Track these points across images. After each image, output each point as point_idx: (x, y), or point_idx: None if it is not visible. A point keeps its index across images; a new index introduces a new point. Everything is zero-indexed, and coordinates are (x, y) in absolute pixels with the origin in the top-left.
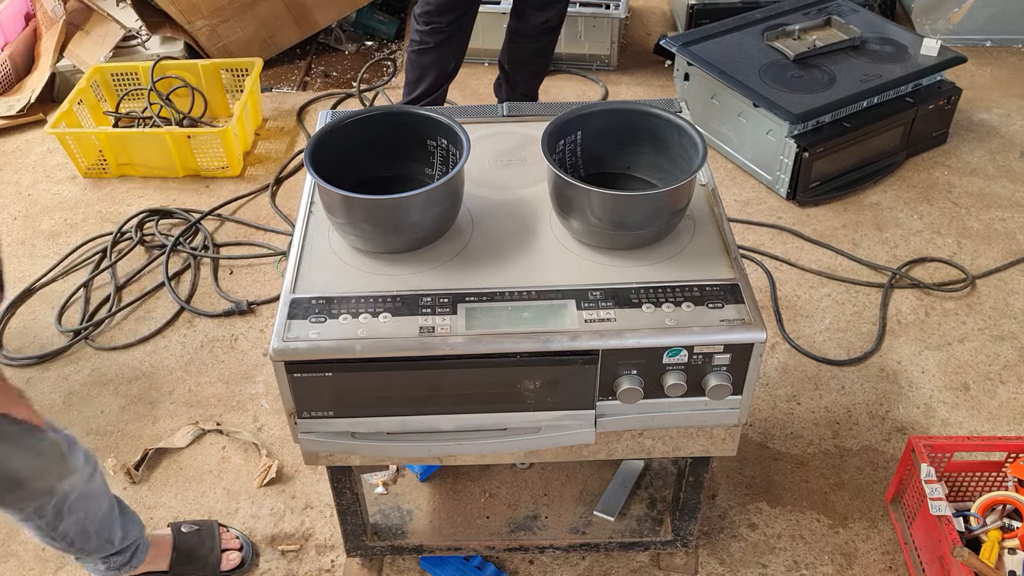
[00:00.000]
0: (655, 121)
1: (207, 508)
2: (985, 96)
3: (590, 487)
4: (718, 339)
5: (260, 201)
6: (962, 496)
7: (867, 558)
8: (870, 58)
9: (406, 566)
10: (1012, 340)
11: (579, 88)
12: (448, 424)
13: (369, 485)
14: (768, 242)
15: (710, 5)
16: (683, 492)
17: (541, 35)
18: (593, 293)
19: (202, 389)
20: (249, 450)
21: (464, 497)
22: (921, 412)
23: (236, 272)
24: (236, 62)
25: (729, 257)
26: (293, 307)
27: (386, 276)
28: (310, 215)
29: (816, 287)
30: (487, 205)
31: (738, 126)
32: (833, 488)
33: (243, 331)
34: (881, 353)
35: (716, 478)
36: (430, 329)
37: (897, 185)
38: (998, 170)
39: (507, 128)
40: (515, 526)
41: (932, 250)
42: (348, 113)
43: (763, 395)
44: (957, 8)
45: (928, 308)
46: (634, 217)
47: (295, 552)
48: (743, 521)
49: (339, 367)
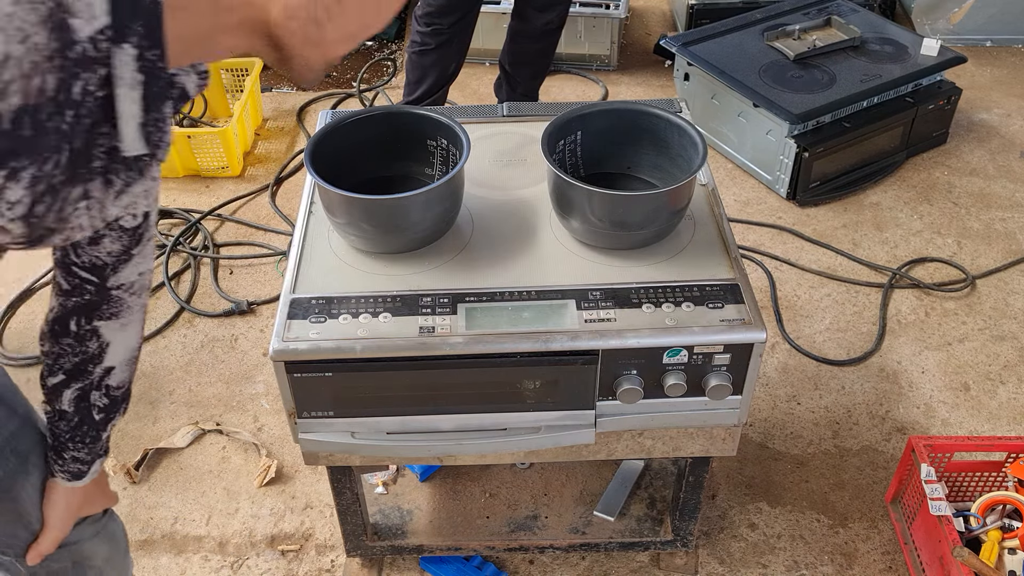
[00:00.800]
0: (655, 121)
1: (207, 508)
2: (985, 96)
3: (590, 487)
4: (718, 339)
5: (260, 201)
6: (962, 496)
7: (867, 558)
8: (870, 58)
9: (406, 566)
10: (1012, 340)
11: (579, 88)
12: (448, 424)
13: (369, 485)
14: (768, 242)
15: (710, 5)
16: (683, 492)
17: (542, 36)
18: (593, 293)
19: (202, 389)
20: (249, 450)
21: (464, 497)
22: (921, 412)
23: (236, 272)
24: (236, 62)
25: (729, 257)
26: (293, 307)
27: (386, 276)
28: (310, 215)
29: (816, 287)
30: (487, 205)
31: (738, 126)
32: (833, 488)
33: (243, 331)
34: (881, 353)
35: (716, 478)
36: (430, 329)
37: (897, 185)
38: (998, 170)
39: (507, 128)
40: (515, 526)
41: (932, 250)
42: (348, 113)
43: (763, 395)
44: (957, 8)
45: (928, 308)
46: (634, 217)
47: (295, 552)
48: (743, 521)
49: (339, 367)
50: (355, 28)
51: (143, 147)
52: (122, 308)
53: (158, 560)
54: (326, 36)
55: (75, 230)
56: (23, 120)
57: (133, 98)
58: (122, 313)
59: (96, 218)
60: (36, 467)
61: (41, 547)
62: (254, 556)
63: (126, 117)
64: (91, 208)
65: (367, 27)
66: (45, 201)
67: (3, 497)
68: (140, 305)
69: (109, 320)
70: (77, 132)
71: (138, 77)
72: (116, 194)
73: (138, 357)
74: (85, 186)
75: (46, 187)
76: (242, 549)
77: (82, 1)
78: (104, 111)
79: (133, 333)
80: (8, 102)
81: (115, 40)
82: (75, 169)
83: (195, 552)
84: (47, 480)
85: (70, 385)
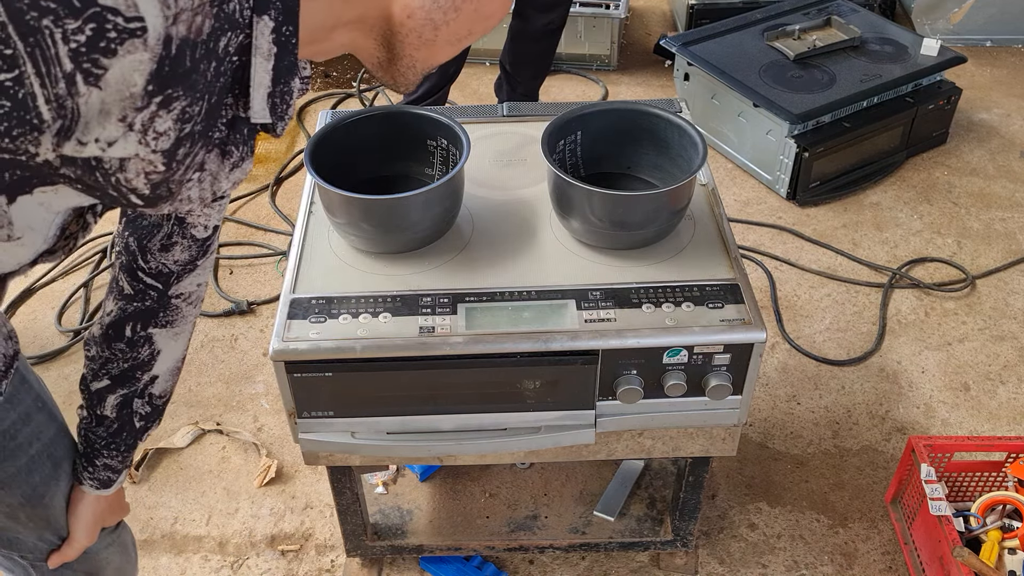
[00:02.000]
0: (655, 121)
1: (207, 508)
2: (985, 96)
3: (590, 487)
4: (718, 339)
5: (260, 201)
6: (962, 496)
7: (867, 558)
8: (870, 58)
9: (406, 566)
10: (1012, 340)
11: (579, 88)
12: (448, 424)
13: (369, 485)
14: (768, 242)
15: (710, 5)
16: (683, 492)
17: (543, 36)
18: (593, 293)
19: (202, 389)
20: (249, 450)
21: (464, 497)
22: (921, 412)
23: (236, 272)
24: None
25: (729, 257)
26: (293, 307)
27: (386, 276)
28: (310, 215)
29: (816, 287)
30: (487, 205)
31: (738, 126)
32: (833, 488)
33: (243, 331)
34: (881, 353)
35: (716, 478)
36: (430, 329)
37: (897, 185)
38: (998, 170)
39: (507, 128)
40: (515, 526)
41: (932, 250)
42: (348, 113)
43: (763, 395)
44: (957, 8)
45: (928, 308)
46: (634, 217)
47: (295, 552)
48: (743, 521)
49: (339, 367)
50: (464, 32)
51: (268, 116)
52: (178, 317)
53: (158, 560)
54: (439, 38)
55: (184, 202)
56: (184, 52)
57: (266, 68)
58: (177, 322)
59: (207, 191)
60: (67, 475)
61: (66, 555)
62: (254, 556)
63: (257, 84)
64: (202, 181)
65: (473, 32)
66: (185, 145)
67: (37, 503)
68: (193, 316)
69: (164, 328)
70: (214, 87)
71: (272, 49)
72: (231, 167)
73: (181, 369)
74: (205, 154)
75: (189, 130)
76: (242, 549)
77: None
78: (235, 79)
79: (182, 344)
80: (177, 28)
81: (257, 10)
82: (209, 123)
83: (195, 552)
84: (73, 489)
85: (115, 391)
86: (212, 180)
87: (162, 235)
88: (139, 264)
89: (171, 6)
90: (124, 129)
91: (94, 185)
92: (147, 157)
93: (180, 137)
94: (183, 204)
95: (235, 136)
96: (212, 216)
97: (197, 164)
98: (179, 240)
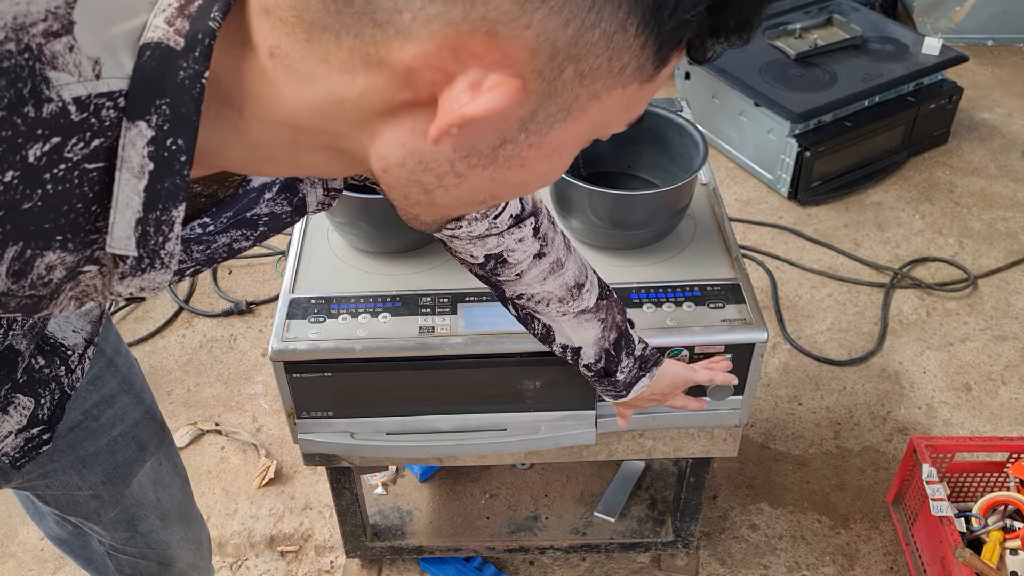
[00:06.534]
0: (656, 120)
1: (206, 508)
2: (987, 95)
3: (591, 488)
4: (719, 339)
5: None
6: (964, 497)
7: (868, 559)
8: (871, 57)
9: (406, 567)
10: (1014, 340)
11: None
12: (448, 424)
13: (369, 486)
14: (769, 242)
15: None
16: (684, 493)
17: None
18: None
19: (201, 389)
20: (248, 450)
21: (464, 498)
22: (923, 412)
23: (235, 272)
24: None
25: (730, 257)
26: (292, 307)
27: (386, 276)
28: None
29: (817, 287)
30: None
31: (739, 125)
32: (834, 489)
33: (242, 331)
34: (882, 353)
35: (717, 479)
36: (430, 329)
37: (898, 185)
38: (1000, 170)
39: None
40: (515, 527)
41: (934, 250)
42: None
43: (764, 395)
44: (959, 7)
45: (930, 308)
46: (635, 216)
47: (294, 553)
48: (744, 522)
49: (338, 367)
50: (481, 198)
51: (132, 248)
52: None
53: None
54: (436, 201)
55: (68, 307)
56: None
57: (135, 188)
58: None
59: (98, 295)
60: (152, 455)
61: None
62: (253, 557)
63: (121, 206)
64: (90, 288)
65: (498, 197)
66: (28, 279)
67: (120, 483)
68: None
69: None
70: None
71: (147, 165)
72: (121, 276)
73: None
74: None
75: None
76: (241, 550)
77: (72, 56)
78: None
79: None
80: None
81: (130, 114)
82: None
83: None
84: (161, 468)
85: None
86: (102, 287)
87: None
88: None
89: None
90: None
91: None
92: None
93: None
94: (69, 307)
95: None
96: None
97: (58, 281)
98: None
